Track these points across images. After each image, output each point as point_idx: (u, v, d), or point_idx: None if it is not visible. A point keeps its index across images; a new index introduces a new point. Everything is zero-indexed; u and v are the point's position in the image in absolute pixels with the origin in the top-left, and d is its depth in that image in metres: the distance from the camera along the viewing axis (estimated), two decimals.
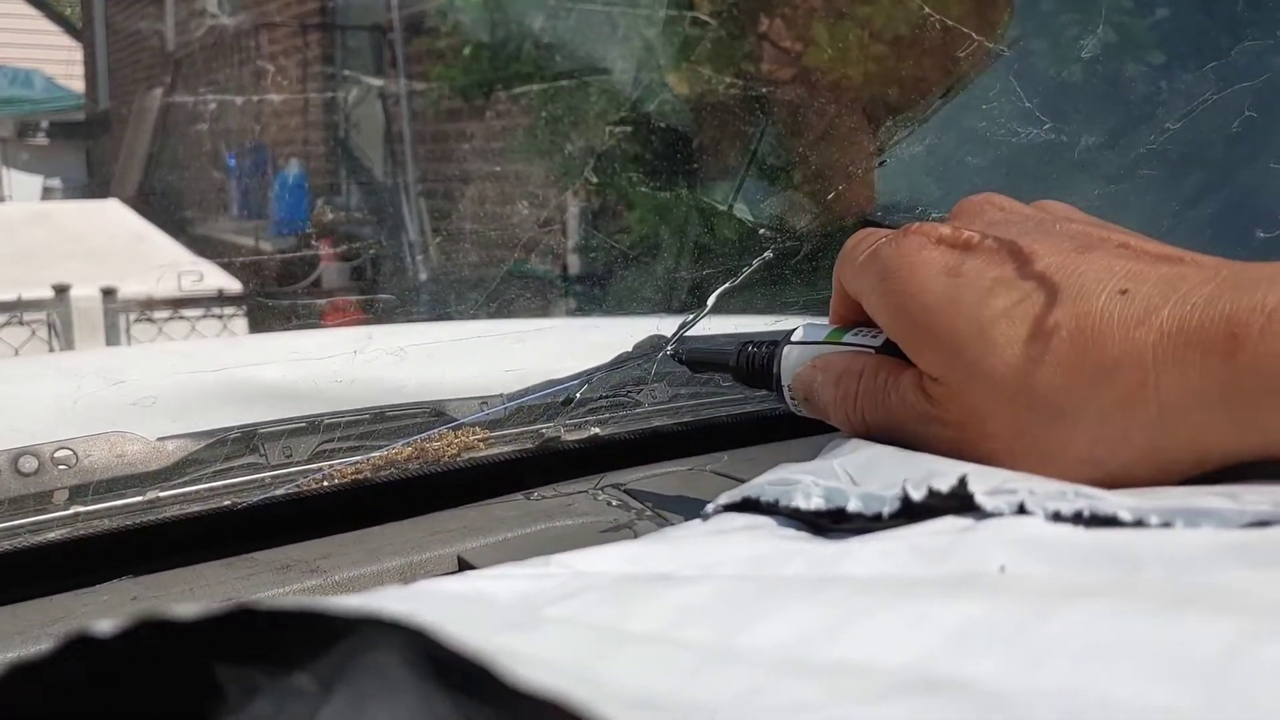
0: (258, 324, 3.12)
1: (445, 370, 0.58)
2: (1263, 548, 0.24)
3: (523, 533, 0.50)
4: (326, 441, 0.54)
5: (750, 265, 0.53)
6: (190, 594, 0.45)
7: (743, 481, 0.48)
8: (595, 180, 0.66)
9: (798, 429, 0.59)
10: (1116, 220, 0.39)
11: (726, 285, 0.53)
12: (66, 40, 7.64)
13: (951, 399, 0.36)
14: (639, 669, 0.18)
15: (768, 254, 0.53)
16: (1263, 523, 0.25)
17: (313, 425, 0.54)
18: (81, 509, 0.48)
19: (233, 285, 3.33)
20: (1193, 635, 0.18)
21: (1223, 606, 0.20)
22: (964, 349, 0.35)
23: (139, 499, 0.49)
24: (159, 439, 0.51)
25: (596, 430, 0.59)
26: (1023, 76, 0.48)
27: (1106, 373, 0.33)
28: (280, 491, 0.51)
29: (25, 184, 6.38)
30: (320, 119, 4.73)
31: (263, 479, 0.51)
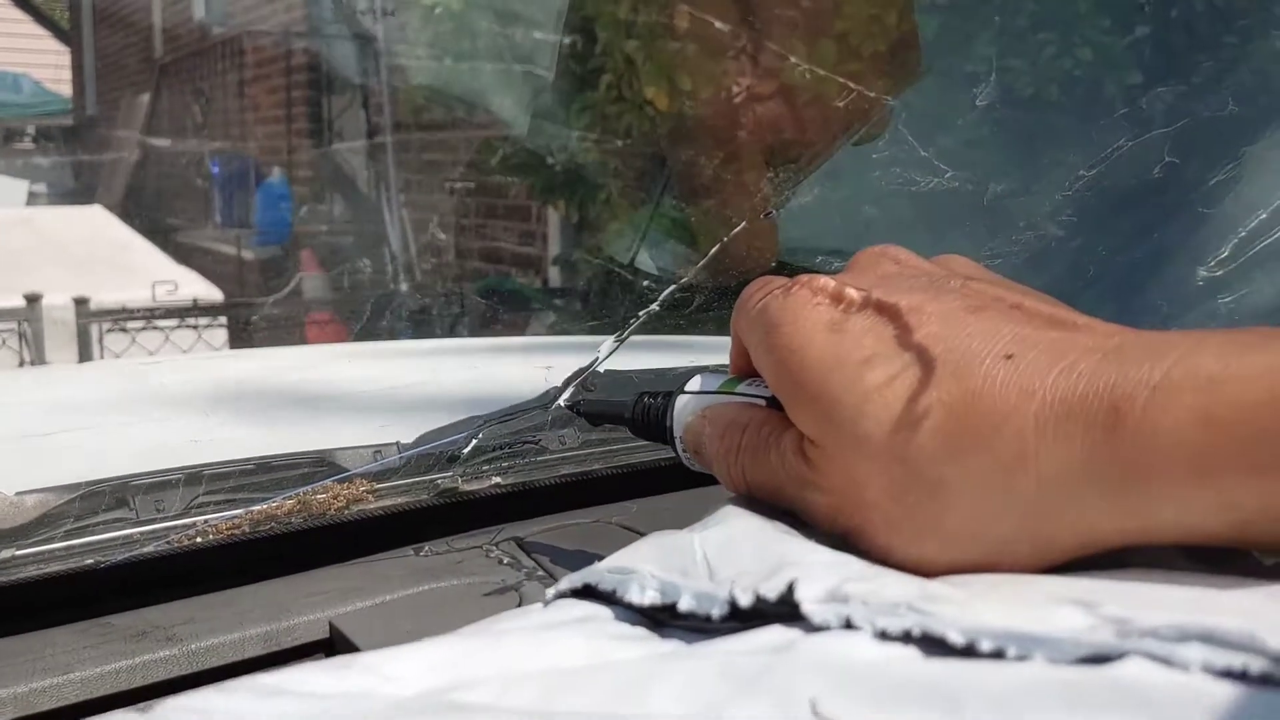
0: (235, 335, 3.10)
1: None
2: (1088, 691, 0.21)
3: (403, 594, 0.48)
4: (205, 494, 0.51)
5: (637, 317, 0.51)
6: (35, 664, 0.42)
7: (643, 535, 0.45)
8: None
9: (708, 477, 0.56)
10: (1041, 269, 0.37)
11: (614, 342, 0.51)
12: (55, 45, 7.61)
13: (828, 464, 0.34)
14: None
15: (653, 307, 0.51)
16: (1099, 657, 0.22)
17: (191, 477, 0.52)
18: None
19: (211, 294, 3.31)
20: None
21: None
22: (839, 412, 0.33)
23: None
24: (18, 494, 0.48)
25: (498, 479, 0.56)
26: (915, 125, 0.46)
27: (986, 442, 0.30)
28: (148, 548, 0.48)
29: (10, 189, 6.34)
30: (305, 128, 4.70)
31: (130, 535, 0.49)
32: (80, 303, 2.95)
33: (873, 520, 0.33)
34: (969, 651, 0.24)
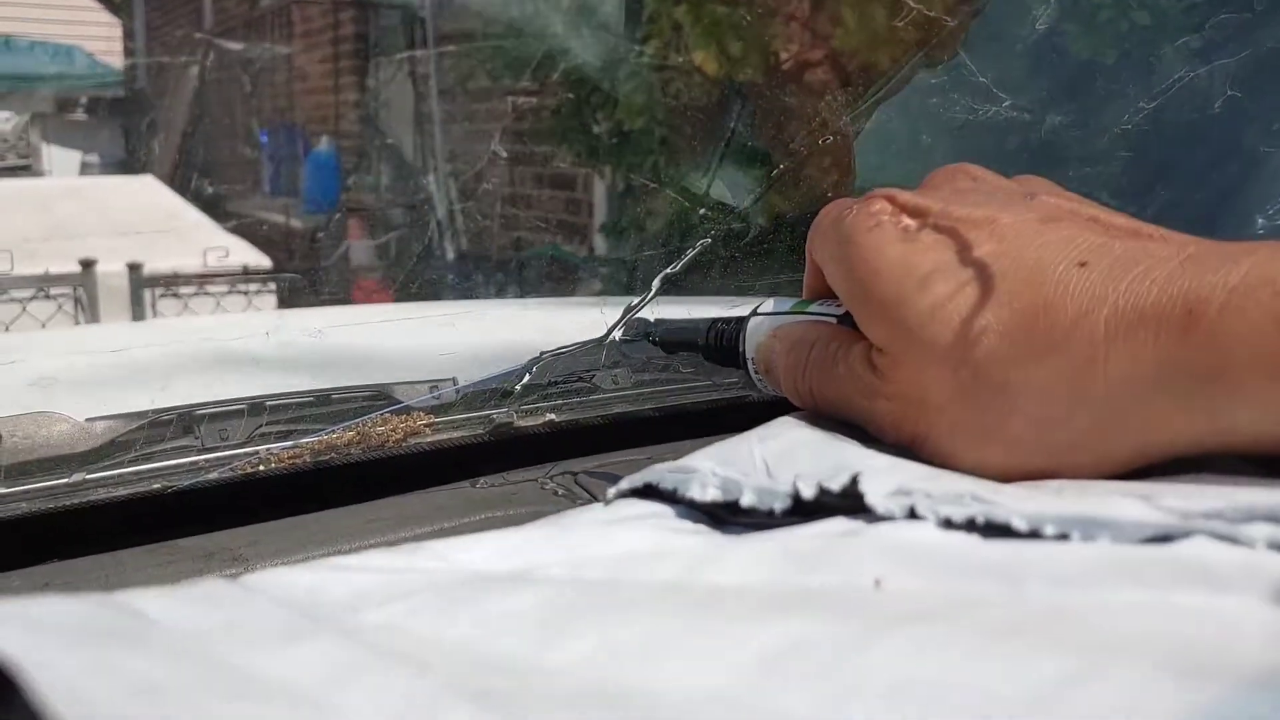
0: (284, 300, 3.13)
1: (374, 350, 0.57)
2: (1152, 567, 0.21)
3: (460, 522, 0.49)
4: (267, 424, 0.52)
5: (694, 247, 0.51)
6: (108, 581, 0.44)
7: None
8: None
9: (763, 417, 0.57)
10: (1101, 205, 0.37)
11: (669, 269, 0.52)
12: (106, 17, 7.67)
13: (896, 370, 0.35)
14: (379, 697, 0.16)
15: (705, 240, 0.52)
16: (1163, 537, 0.23)
17: (253, 407, 0.53)
18: (3, 490, 0.47)
19: (260, 261, 3.34)
20: (1016, 672, 0.16)
21: (1067, 638, 0.18)
22: (909, 318, 0.34)
23: (64, 481, 0.48)
24: (88, 419, 0.49)
25: (552, 416, 0.57)
26: (973, 51, 0.46)
27: (1055, 347, 0.31)
28: (213, 475, 0.49)
29: (64, 160, 6.41)
30: (352, 97, 4.72)
31: (196, 462, 0.50)
32: (134, 269, 2.99)
33: (938, 425, 0.33)
34: (1033, 537, 0.24)
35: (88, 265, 2.94)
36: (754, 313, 0.45)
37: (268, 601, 0.21)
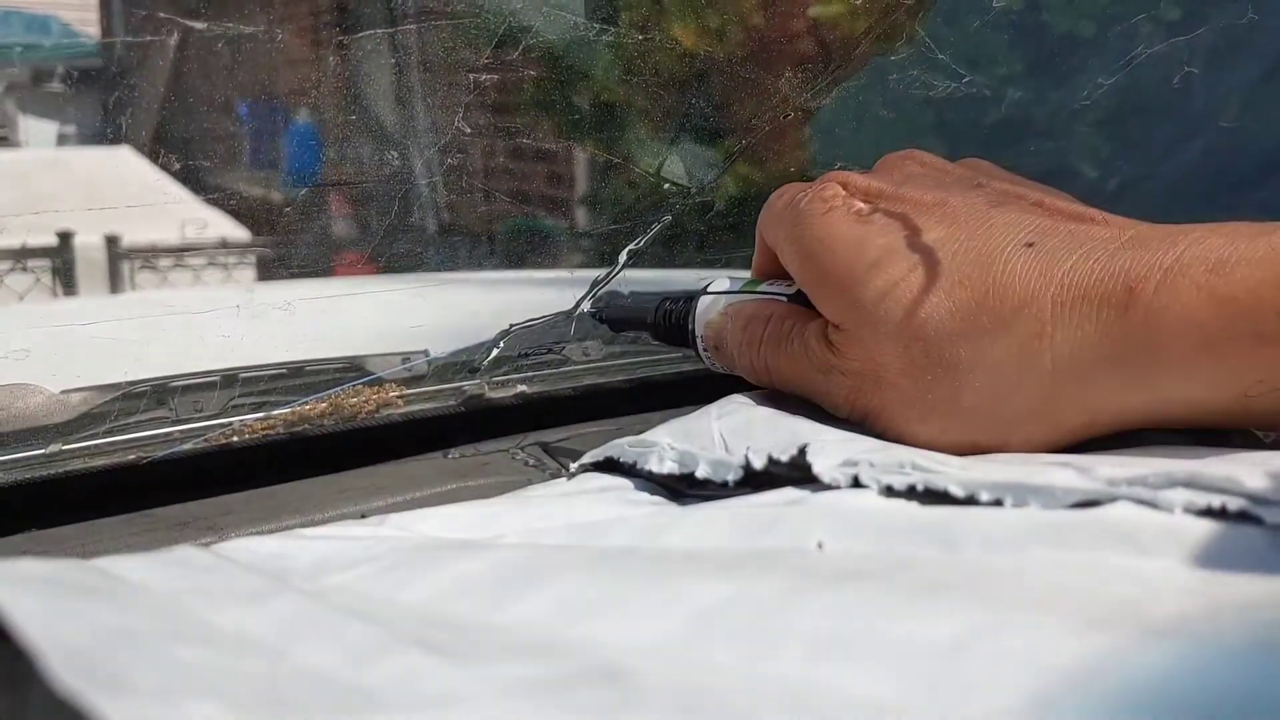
0: (264, 273, 3.12)
1: (342, 325, 0.57)
2: (1077, 530, 0.22)
3: (432, 491, 0.50)
4: (240, 395, 0.53)
5: (659, 222, 0.52)
6: (82, 549, 0.44)
7: None
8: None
9: (732, 388, 0.58)
10: (1061, 182, 0.38)
11: (634, 244, 0.52)
12: None
13: (850, 346, 0.36)
14: (328, 645, 0.17)
15: (667, 218, 0.53)
16: (1089, 503, 0.24)
17: (227, 379, 0.53)
18: None
19: (238, 234, 3.33)
20: (934, 625, 0.17)
21: (990, 595, 0.19)
22: (864, 295, 0.35)
23: (40, 452, 0.48)
24: (63, 391, 0.50)
25: (523, 388, 0.58)
26: (931, 27, 0.46)
27: (1004, 324, 0.32)
28: (187, 446, 0.50)
29: (40, 131, 6.35)
30: (333, 69, 4.70)
31: (170, 433, 0.50)
32: (111, 241, 2.97)
33: (891, 400, 0.35)
34: (970, 503, 0.25)
35: (65, 238, 2.94)
36: (704, 291, 0.45)
37: (236, 566, 0.22)
